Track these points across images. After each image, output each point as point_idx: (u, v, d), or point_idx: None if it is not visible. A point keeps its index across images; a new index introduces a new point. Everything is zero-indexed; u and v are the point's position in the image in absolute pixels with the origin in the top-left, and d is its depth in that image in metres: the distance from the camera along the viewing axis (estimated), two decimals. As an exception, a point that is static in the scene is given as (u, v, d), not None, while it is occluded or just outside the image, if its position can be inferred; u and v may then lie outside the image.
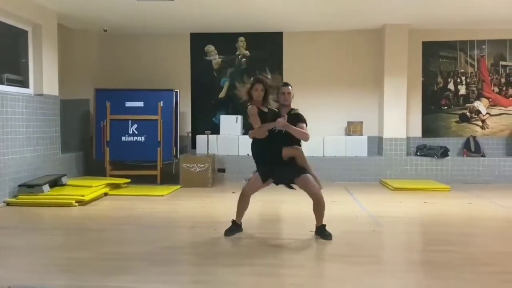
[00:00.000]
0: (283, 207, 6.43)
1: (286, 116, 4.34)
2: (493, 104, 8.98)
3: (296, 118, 4.53)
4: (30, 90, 7.15)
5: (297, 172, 4.51)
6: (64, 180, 7.04)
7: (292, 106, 4.68)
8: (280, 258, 4.03)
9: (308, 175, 4.52)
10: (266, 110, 4.58)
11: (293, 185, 4.66)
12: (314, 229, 4.63)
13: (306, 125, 4.55)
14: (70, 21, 8.23)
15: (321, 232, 4.58)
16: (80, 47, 8.97)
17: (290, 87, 4.61)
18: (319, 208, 4.53)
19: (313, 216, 4.60)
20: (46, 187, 6.49)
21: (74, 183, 7.05)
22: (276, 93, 4.63)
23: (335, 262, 3.87)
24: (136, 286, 3.31)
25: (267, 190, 4.86)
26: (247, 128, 9.02)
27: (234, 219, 4.71)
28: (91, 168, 8.57)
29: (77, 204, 6.20)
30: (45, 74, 7.33)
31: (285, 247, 4.37)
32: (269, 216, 5.86)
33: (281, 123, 4.30)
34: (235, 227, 4.68)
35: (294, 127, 4.39)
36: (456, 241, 4.57)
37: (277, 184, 4.71)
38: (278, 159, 4.49)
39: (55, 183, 6.84)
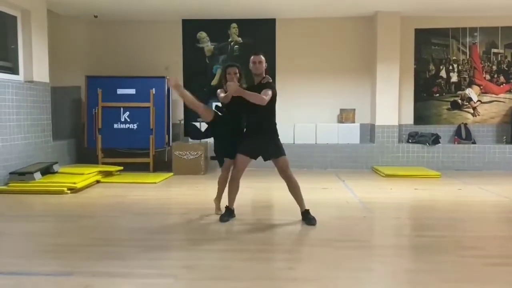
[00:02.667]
0: (272, 194, 6.46)
1: (236, 82, 4.45)
2: (484, 92, 9.03)
3: (264, 86, 4.48)
4: (20, 77, 7.09)
5: (278, 152, 4.58)
6: (55, 167, 7.02)
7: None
8: (271, 243, 4.08)
9: (284, 157, 4.59)
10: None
11: None
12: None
13: (273, 92, 4.46)
14: (59, 7, 8.13)
15: (306, 217, 4.62)
16: (70, 33, 8.88)
17: (261, 56, 4.56)
18: (293, 188, 4.61)
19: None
20: (37, 175, 6.47)
21: (66, 171, 7.03)
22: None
23: (325, 247, 3.90)
24: (126, 271, 3.33)
25: (256, 177, 4.87)
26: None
27: (227, 205, 4.76)
28: (83, 155, 8.55)
29: (69, 191, 6.19)
30: (35, 61, 7.26)
31: (276, 232, 4.41)
32: (259, 203, 5.89)
33: (232, 87, 4.36)
34: (229, 213, 4.75)
35: (246, 91, 4.39)
36: (444, 226, 4.64)
37: (255, 159, 4.74)
38: (258, 129, 4.57)
39: (46, 170, 6.82)
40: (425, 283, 3.11)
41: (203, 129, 5.98)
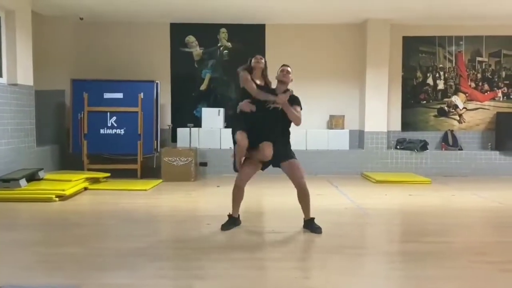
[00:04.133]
0: (272, 200, 6.36)
1: (288, 93, 4.34)
2: (469, 99, 9.21)
3: (293, 100, 4.43)
4: (3, 80, 6.79)
5: (286, 156, 4.45)
6: (41, 174, 6.72)
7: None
8: (280, 251, 3.96)
9: (296, 160, 4.46)
10: (261, 83, 4.52)
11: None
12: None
13: (301, 109, 4.48)
14: (44, 7, 7.86)
15: (310, 225, 4.50)
16: (54, 35, 8.60)
17: (289, 68, 4.53)
18: (304, 196, 4.46)
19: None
20: (23, 182, 6.17)
21: (52, 177, 6.74)
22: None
23: (337, 254, 3.81)
24: (136, 282, 3.16)
25: (254, 184, 4.74)
26: (229, 121, 8.88)
27: (230, 213, 4.60)
28: (67, 162, 8.25)
29: (57, 199, 5.93)
30: (19, 63, 6.97)
31: (282, 240, 4.29)
32: (259, 210, 5.80)
33: (282, 99, 4.26)
34: (232, 221, 4.59)
35: (291, 108, 4.32)
36: (447, 232, 4.64)
37: (263, 170, 4.60)
38: (271, 138, 4.40)
39: (32, 177, 6.52)
40: (447, 290, 3.07)
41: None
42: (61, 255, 3.74)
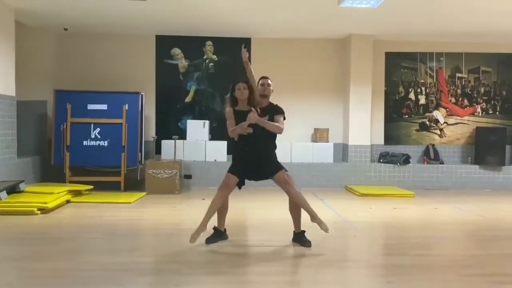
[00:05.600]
0: (259, 213, 6.34)
1: (255, 111, 4.31)
2: (450, 114, 9.43)
3: (274, 111, 4.51)
4: (-16, 90, 6.65)
5: (274, 168, 4.44)
6: (22, 186, 6.55)
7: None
8: (271, 265, 3.93)
9: (284, 171, 4.45)
10: (247, 109, 4.42)
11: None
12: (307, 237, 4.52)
13: (284, 118, 4.54)
14: (27, 17, 7.75)
15: (300, 239, 4.48)
16: (38, 45, 8.47)
17: (269, 80, 4.62)
18: (294, 206, 4.44)
19: (291, 221, 4.53)
20: (3, 194, 6.00)
21: (34, 190, 6.58)
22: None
23: (329, 268, 3.82)
24: (126, 298, 3.11)
25: (240, 196, 4.71)
26: (214, 133, 8.89)
27: (216, 226, 4.56)
28: (49, 174, 8.08)
29: (39, 212, 5.79)
30: (1, 73, 6.86)
31: (272, 254, 4.27)
32: (246, 223, 5.76)
33: (252, 118, 4.24)
34: (217, 234, 4.53)
35: (265, 121, 4.33)
36: (435, 245, 4.71)
37: (250, 179, 4.56)
38: (257, 154, 4.39)
39: (12, 189, 6.35)
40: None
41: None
42: (46, 270, 3.64)
